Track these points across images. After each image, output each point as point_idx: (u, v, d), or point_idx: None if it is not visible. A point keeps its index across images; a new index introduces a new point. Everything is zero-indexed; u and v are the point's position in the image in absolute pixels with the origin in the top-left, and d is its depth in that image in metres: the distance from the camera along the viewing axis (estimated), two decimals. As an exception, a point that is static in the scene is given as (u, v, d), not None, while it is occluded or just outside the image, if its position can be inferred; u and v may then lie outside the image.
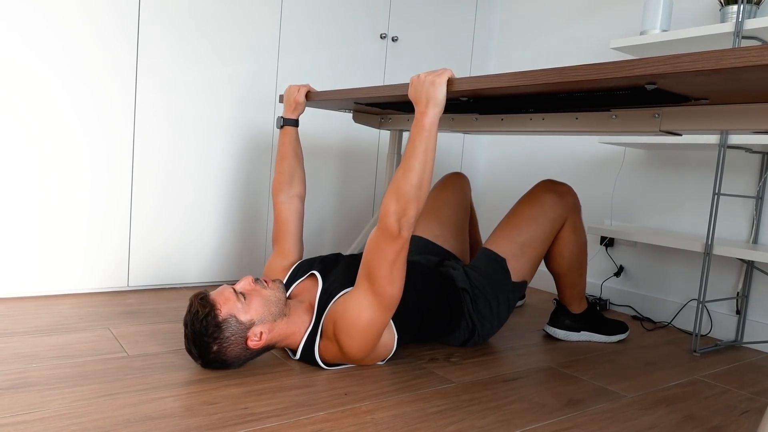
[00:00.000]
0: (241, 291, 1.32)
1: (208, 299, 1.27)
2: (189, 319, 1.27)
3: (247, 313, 1.29)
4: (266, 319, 1.31)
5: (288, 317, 1.37)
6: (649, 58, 0.91)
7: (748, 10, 1.81)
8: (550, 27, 2.65)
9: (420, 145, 1.24)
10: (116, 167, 1.95)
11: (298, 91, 1.73)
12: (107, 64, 1.89)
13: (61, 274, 1.89)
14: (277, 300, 1.35)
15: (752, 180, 1.96)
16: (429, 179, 1.26)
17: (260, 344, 1.31)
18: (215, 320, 1.25)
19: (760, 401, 1.43)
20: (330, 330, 1.34)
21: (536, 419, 1.22)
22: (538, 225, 1.65)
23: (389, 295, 1.30)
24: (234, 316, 1.27)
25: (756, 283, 1.94)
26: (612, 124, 1.37)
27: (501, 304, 1.61)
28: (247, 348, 1.30)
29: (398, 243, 1.27)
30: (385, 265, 1.28)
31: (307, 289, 1.49)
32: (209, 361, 1.30)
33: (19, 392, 1.15)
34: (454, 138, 2.83)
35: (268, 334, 1.32)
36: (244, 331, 1.28)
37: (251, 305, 1.30)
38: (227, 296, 1.29)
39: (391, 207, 1.25)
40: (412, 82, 1.29)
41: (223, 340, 1.26)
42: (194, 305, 1.27)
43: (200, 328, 1.25)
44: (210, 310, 1.25)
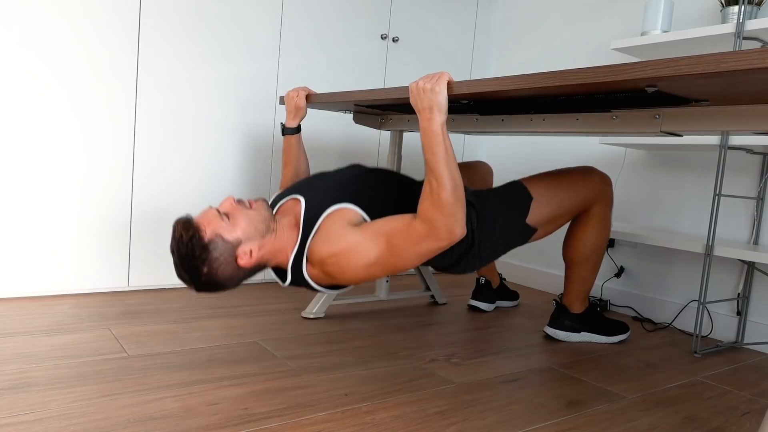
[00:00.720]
0: (224, 212, 1.29)
1: (192, 222, 1.24)
2: (175, 245, 1.24)
3: (233, 231, 1.26)
4: (253, 236, 1.28)
5: (275, 233, 1.33)
6: (649, 62, 0.91)
7: (749, 11, 1.81)
8: (550, 28, 2.65)
9: (439, 150, 1.23)
10: (117, 167, 1.95)
11: (298, 95, 1.72)
12: (108, 65, 1.89)
13: (62, 275, 1.90)
14: (262, 218, 1.32)
15: (753, 181, 1.95)
16: (460, 176, 1.25)
17: (251, 262, 1.28)
18: (201, 242, 1.22)
19: (761, 402, 1.43)
20: (317, 255, 1.29)
21: (537, 420, 1.22)
22: (575, 190, 1.65)
23: (403, 268, 1.29)
24: (220, 235, 1.24)
25: (757, 284, 1.94)
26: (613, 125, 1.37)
27: (503, 235, 1.55)
28: (238, 267, 1.27)
29: (446, 242, 1.25)
30: (415, 256, 1.27)
31: (291, 208, 1.43)
32: (202, 285, 1.26)
33: (19, 392, 1.15)
34: (455, 138, 2.83)
35: (258, 252, 1.29)
36: (232, 250, 1.25)
37: (236, 224, 1.27)
38: (210, 217, 1.26)
39: (440, 221, 1.23)
40: (411, 91, 1.27)
41: (213, 261, 1.23)
42: (178, 230, 1.24)
43: (186, 251, 1.22)
44: (194, 232, 1.22)
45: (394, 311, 2.05)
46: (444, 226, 1.23)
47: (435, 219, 1.23)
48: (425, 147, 1.26)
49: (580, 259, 1.74)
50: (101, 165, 1.92)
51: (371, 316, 1.95)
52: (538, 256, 2.67)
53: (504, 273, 2.80)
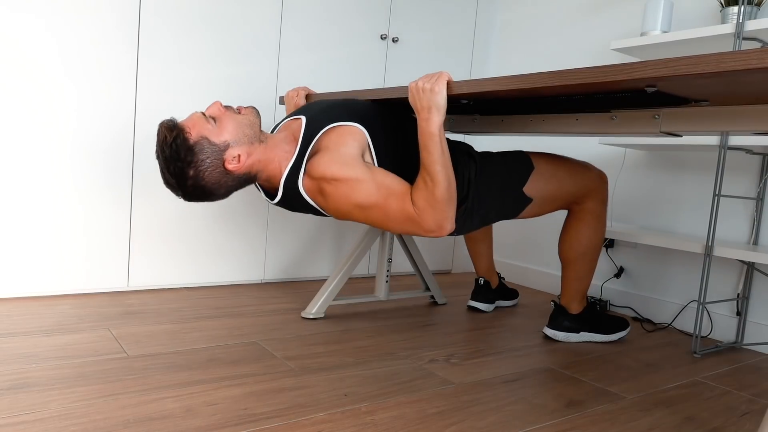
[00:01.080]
0: (211, 115, 1.25)
1: (176, 124, 1.21)
2: (159, 148, 1.20)
3: (220, 135, 1.22)
4: (241, 141, 1.25)
5: (266, 144, 1.30)
6: (648, 62, 0.91)
7: (749, 12, 1.81)
8: (550, 28, 2.65)
9: (435, 150, 1.24)
10: (116, 167, 1.95)
11: (297, 96, 1.73)
12: (108, 64, 1.89)
13: (62, 275, 1.90)
14: (250, 123, 1.28)
15: (753, 181, 1.96)
16: (453, 177, 1.26)
17: (240, 168, 1.25)
18: (186, 143, 1.19)
19: (761, 403, 1.43)
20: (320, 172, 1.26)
21: (536, 420, 1.22)
22: (575, 176, 1.66)
23: (385, 226, 1.31)
24: (206, 137, 1.21)
25: (756, 284, 1.94)
26: (612, 126, 1.37)
27: (499, 197, 1.54)
28: (226, 172, 1.24)
29: (436, 234, 1.26)
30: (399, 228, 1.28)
31: (289, 126, 1.40)
32: (189, 190, 1.23)
33: (19, 393, 1.15)
34: (454, 138, 2.83)
35: (247, 158, 1.25)
36: (219, 153, 1.22)
37: (223, 127, 1.23)
38: (196, 120, 1.22)
39: (431, 216, 1.24)
40: (410, 91, 1.27)
41: (199, 163, 1.20)
42: (162, 132, 1.21)
43: (171, 153, 1.18)
44: (178, 133, 1.19)
45: (393, 311, 2.05)
46: (434, 220, 1.25)
47: (426, 213, 1.25)
48: (422, 146, 1.26)
49: (575, 256, 1.74)
50: (101, 165, 1.92)
51: (371, 317, 1.95)
52: (536, 256, 2.67)
53: (503, 273, 2.80)
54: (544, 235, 2.64)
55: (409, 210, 1.27)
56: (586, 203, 1.71)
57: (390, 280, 2.55)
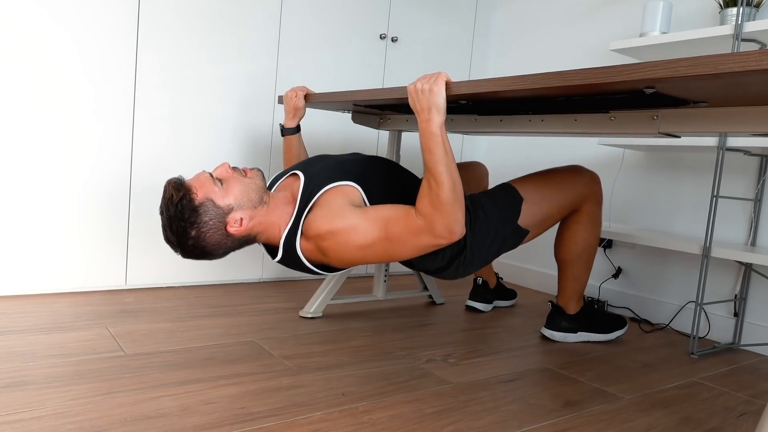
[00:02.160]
0: (218, 177, 1.26)
1: (183, 183, 1.22)
2: (164, 205, 1.21)
3: (225, 197, 1.23)
4: (245, 205, 1.26)
5: (268, 206, 1.31)
6: (647, 63, 0.91)
7: (748, 13, 1.81)
8: (549, 28, 2.65)
9: (438, 150, 1.23)
10: (114, 165, 1.95)
11: (296, 96, 1.72)
12: (107, 62, 1.89)
13: (59, 273, 1.89)
14: (256, 187, 1.29)
15: (751, 182, 1.96)
16: (459, 177, 1.25)
17: (241, 231, 1.25)
18: (191, 204, 1.20)
19: (758, 403, 1.43)
20: (313, 230, 1.27)
21: (533, 420, 1.22)
22: (564, 189, 1.64)
23: (395, 256, 1.28)
24: (211, 200, 1.21)
25: (754, 285, 1.94)
26: (611, 126, 1.37)
27: (497, 238, 1.54)
28: (227, 235, 1.24)
29: (445, 241, 1.24)
30: (411, 248, 1.26)
31: (289, 184, 1.41)
32: (188, 249, 1.24)
33: (16, 391, 1.15)
34: (453, 139, 2.83)
35: (249, 222, 1.26)
36: (222, 216, 1.23)
37: (229, 190, 1.24)
38: (203, 181, 1.23)
39: (439, 221, 1.22)
40: (409, 93, 1.27)
41: (201, 224, 1.20)
42: (168, 190, 1.21)
43: (175, 212, 1.19)
44: (185, 193, 1.20)
45: (391, 311, 2.05)
46: (443, 225, 1.23)
47: (434, 218, 1.23)
48: (424, 147, 1.25)
49: (572, 257, 1.74)
50: (99, 163, 1.92)
51: (369, 316, 1.95)
52: (534, 256, 2.67)
53: (501, 273, 2.80)
54: (541, 235, 2.64)
55: (414, 224, 1.25)
56: (582, 207, 1.71)
57: (388, 279, 2.55)
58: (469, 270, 1.54)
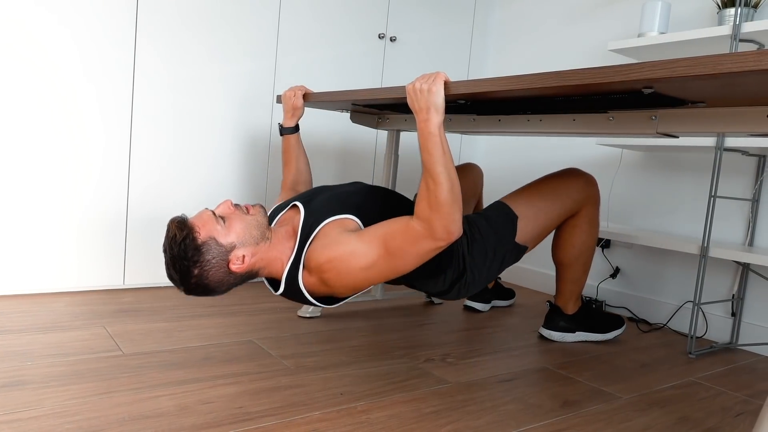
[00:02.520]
0: (220, 214, 1.27)
1: (186, 222, 1.23)
2: (167, 244, 1.22)
3: (228, 236, 1.24)
4: (248, 242, 1.27)
5: (270, 241, 1.32)
6: (646, 63, 0.91)
7: (746, 14, 1.82)
8: (548, 28, 2.65)
9: (436, 150, 1.23)
10: (112, 165, 1.95)
11: (295, 95, 1.72)
12: (105, 61, 1.89)
13: (57, 273, 1.89)
14: (258, 224, 1.30)
15: (748, 182, 1.96)
16: (457, 177, 1.25)
17: (243, 268, 1.27)
18: (194, 243, 1.21)
19: (755, 403, 1.43)
20: (314, 262, 1.28)
21: (532, 420, 1.22)
22: (558, 198, 1.64)
23: (402, 272, 1.29)
24: (214, 238, 1.23)
25: (751, 285, 1.95)
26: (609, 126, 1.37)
27: (496, 258, 1.55)
28: (229, 272, 1.26)
29: (444, 243, 1.25)
30: (413, 257, 1.26)
31: (290, 218, 1.43)
32: (191, 287, 1.25)
33: (13, 390, 1.15)
34: (452, 139, 2.83)
35: (251, 258, 1.27)
36: (225, 254, 1.24)
37: (232, 228, 1.25)
38: (206, 219, 1.24)
39: (437, 222, 1.22)
40: (408, 92, 1.27)
41: (204, 263, 1.22)
42: (172, 229, 1.22)
43: (179, 251, 1.20)
44: (188, 233, 1.21)
45: (390, 311, 2.05)
46: (441, 226, 1.23)
47: (432, 219, 1.23)
48: (422, 147, 1.26)
49: (570, 260, 1.74)
50: (97, 163, 1.91)
51: (367, 316, 1.95)
52: (533, 257, 2.67)
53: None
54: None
55: (412, 233, 1.25)
56: (579, 211, 1.71)
57: (386, 279, 2.55)
58: (471, 291, 1.55)
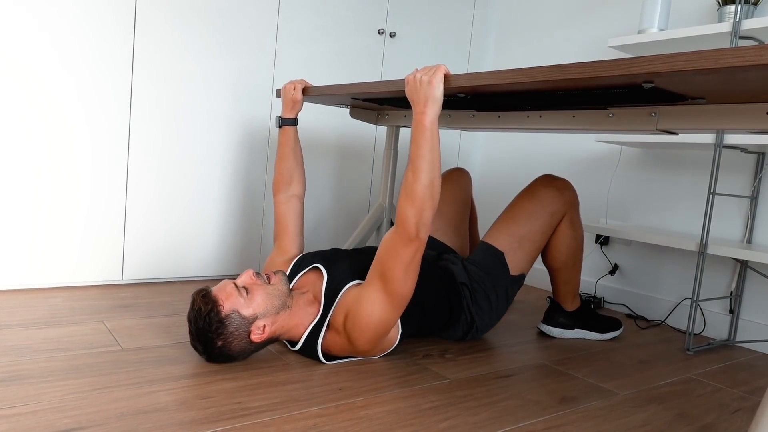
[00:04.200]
0: (243, 285, 1.32)
1: (210, 296, 1.28)
2: (192, 316, 1.28)
3: (250, 307, 1.29)
4: (269, 312, 1.32)
5: (291, 309, 1.37)
6: (646, 57, 0.91)
7: (746, 10, 1.81)
8: (547, 24, 2.65)
9: (424, 144, 1.24)
10: (111, 160, 1.94)
11: (295, 89, 1.72)
12: (104, 56, 1.88)
13: (55, 267, 1.89)
14: (279, 293, 1.35)
15: (747, 180, 1.96)
16: (439, 177, 1.26)
17: (263, 337, 1.32)
18: (218, 316, 1.26)
19: (752, 400, 1.44)
20: (339, 322, 1.35)
21: (530, 416, 1.22)
22: (536, 219, 1.65)
23: (402, 294, 1.32)
24: (237, 311, 1.27)
25: (749, 282, 1.95)
26: (609, 122, 1.37)
27: (500, 297, 1.62)
28: (251, 342, 1.31)
29: (415, 245, 1.28)
30: (400, 268, 1.30)
31: (311, 282, 1.48)
32: (214, 356, 1.31)
33: (12, 385, 1.15)
34: (451, 135, 2.83)
35: (271, 327, 1.32)
36: (247, 325, 1.29)
37: (254, 300, 1.30)
38: (229, 292, 1.29)
39: (407, 211, 1.25)
40: (407, 82, 1.27)
41: (227, 335, 1.27)
42: (197, 302, 1.28)
43: (204, 324, 1.26)
44: (213, 306, 1.26)
45: (388, 307, 2.04)
46: (413, 222, 1.26)
47: (407, 213, 1.26)
48: (412, 139, 1.26)
49: (559, 264, 1.75)
50: (95, 157, 1.91)
51: (366, 312, 1.95)
52: (532, 253, 2.67)
53: (498, 270, 2.80)
54: (539, 231, 2.64)
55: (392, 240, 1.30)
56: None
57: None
58: (486, 331, 1.67)
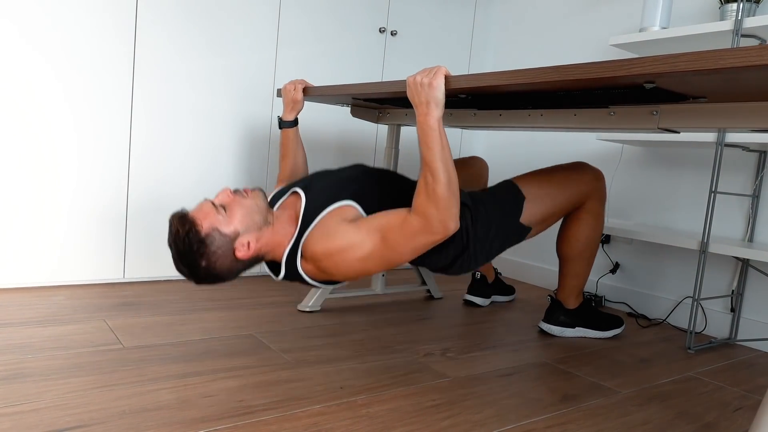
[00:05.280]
0: (220, 204, 1.28)
1: (188, 217, 1.24)
2: (171, 240, 1.24)
3: (230, 224, 1.26)
4: (251, 228, 1.28)
5: (273, 225, 1.33)
6: (647, 57, 0.91)
7: (748, 9, 1.81)
8: (549, 23, 2.64)
9: (435, 144, 1.24)
10: (113, 158, 1.94)
11: (295, 89, 1.72)
12: (104, 55, 1.88)
13: (57, 266, 1.89)
14: (259, 209, 1.31)
15: (748, 178, 1.96)
16: (455, 171, 1.26)
17: (249, 254, 1.28)
18: (198, 236, 1.22)
19: (754, 398, 1.44)
20: (311, 252, 1.30)
21: (531, 414, 1.22)
22: (568, 186, 1.64)
23: (398, 262, 1.30)
24: (216, 229, 1.24)
25: (751, 281, 1.95)
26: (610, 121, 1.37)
27: (498, 236, 1.55)
28: (236, 259, 1.27)
29: (438, 237, 1.26)
30: (409, 250, 1.27)
31: (292, 204, 1.43)
32: (201, 278, 1.27)
33: (14, 383, 1.15)
34: (452, 133, 2.83)
35: (256, 244, 1.29)
36: (229, 242, 1.25)
37: (233, 216, 1.27)
38: (207, 211, 1.25)
39: (430, 211, 1.24)
40: (408, 85, 1.27)
41: (210, 254, 1.23)
42: (174, 225, 1.24)
43: (184, 247, 1.22)
44: (191, 227, 1.22)
45: (390, 305, 2.05)
46: (438, 220, 1.24)
47: (429, 213, 1.24)
48: (421, 141, 1.26)
49: (574, 254, 1.75)
50: (97, 156, 1.91)
51: (367, 310, 1.95)
52: (533, 252, 2.67)
53: (499, 268, 2.80)
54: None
55: (410, 228, 1.26)
56: (585, 204, 1.71)
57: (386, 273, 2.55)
58: (472, 266, 1.55)
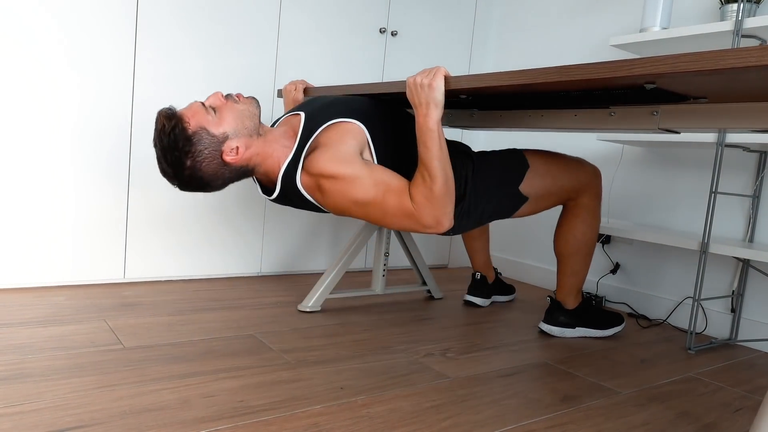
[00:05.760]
0: (211, 105, 1.25)
1: (175, 113, 1.20)
2: (156, 136, 1.20)
3: (219, 126, 1.22)
4: (241, 132, 1.24)
5: (265, 138, 1.29)
6: (648, 58, 0.91)
7: (748, 9, 1.81)
8: (549, 23, 2.64)
9: (433, 146, 1.25)
10: (113, 158, 1.94)
11: (296, 89, 1.72)
12: (105, 53, 1.88)
13: (58, 266, 1.89)
14: (251, 114, 1.27)
15: (749, 179, 1.96)
16: (451, 171, 1.27)
17: (237, 160, 1.24)
18: (184, 133, 1.18)
19: (754, 399, 1.44)
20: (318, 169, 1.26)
21: (531, 415, 1.22)
22: (569, 172, 1.67)
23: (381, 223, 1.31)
24: (204, 128, 1.20)
25: (751, 281, 1.95)
26: (610, 122, 1.37)
27: (495, 195, 1.54)
28: (224, 163, 1.23)
29: (434, 230, 1.27)
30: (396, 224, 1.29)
31: (289, 121, 1.40)
32: (185, 180, 1.23)
33: (14, 383, 1.15)
34: (452, 133, 2.82)
35: (245, 150, 1.25)
36: (218, 144, 1.21)
37: (223, 118, 1.23)
38: (196, 109, 1.22)
39: (425, 210, 1.25)
40: (408, 86, 1.27)
41: (196, 153, 1.19)
42: (160, 121, 1.20)
43: (169, 142, 1.18)
44: (177, 122, 1.18)
45: (390, 305, 2.05)
46: (432, 216, 1.26)
47: (424, 208, 1.26)
48: (419, 142, 1.27)
49: (571, 251, 1.75)
50: (98, 156, 1.91)
51: (367, 310, 1.95)
52: (533, 252, 2.67)
53: (499, 268, 2.80)
54: (540, 230, 2.65)
55: (407, 206, 1.28)
56: (581, 198, 1.72)
57: (387, 274, 2.55)
58: (463, 224, 1.53)
